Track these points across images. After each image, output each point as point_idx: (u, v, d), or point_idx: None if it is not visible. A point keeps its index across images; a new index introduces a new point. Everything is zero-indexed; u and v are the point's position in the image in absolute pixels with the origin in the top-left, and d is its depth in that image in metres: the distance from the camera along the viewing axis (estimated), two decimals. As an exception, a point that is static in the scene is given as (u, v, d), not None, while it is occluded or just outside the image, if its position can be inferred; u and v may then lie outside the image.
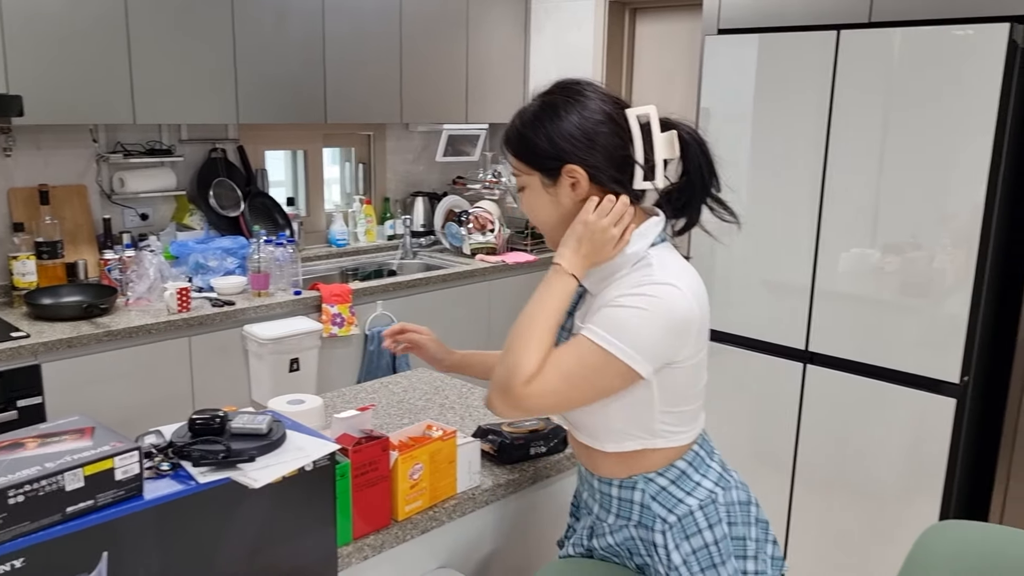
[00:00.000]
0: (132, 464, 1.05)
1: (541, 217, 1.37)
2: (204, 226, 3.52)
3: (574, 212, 1.32)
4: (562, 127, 1.29)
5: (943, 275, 2.41)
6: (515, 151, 1.35)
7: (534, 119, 1.32)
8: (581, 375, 1.25)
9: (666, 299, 1.25)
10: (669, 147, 1.32)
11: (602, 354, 1.24)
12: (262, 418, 1.22)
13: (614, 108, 1.31)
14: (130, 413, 2.81)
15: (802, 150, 2.65)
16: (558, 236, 1.36)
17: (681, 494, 1.37)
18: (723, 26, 2.90)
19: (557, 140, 1.29)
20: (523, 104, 1.37)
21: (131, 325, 2.76)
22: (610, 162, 1.30)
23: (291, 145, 3.94)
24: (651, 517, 1.37)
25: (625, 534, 1.41)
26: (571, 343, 1.27)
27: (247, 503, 1.15)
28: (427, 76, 3.91)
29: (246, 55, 3.25)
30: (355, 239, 4.12)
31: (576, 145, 1.28)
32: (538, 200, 1.35)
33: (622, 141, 1.30)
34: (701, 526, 1.36)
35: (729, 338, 2.93)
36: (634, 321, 1.24)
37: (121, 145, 3.27)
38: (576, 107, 1.30)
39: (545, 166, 1.31)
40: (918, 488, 2.54)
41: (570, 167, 1.29)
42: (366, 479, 1.44)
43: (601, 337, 1.24)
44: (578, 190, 1.31)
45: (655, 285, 1.26)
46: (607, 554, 1.46)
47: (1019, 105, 2.38)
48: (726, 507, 1.38)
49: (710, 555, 1.36)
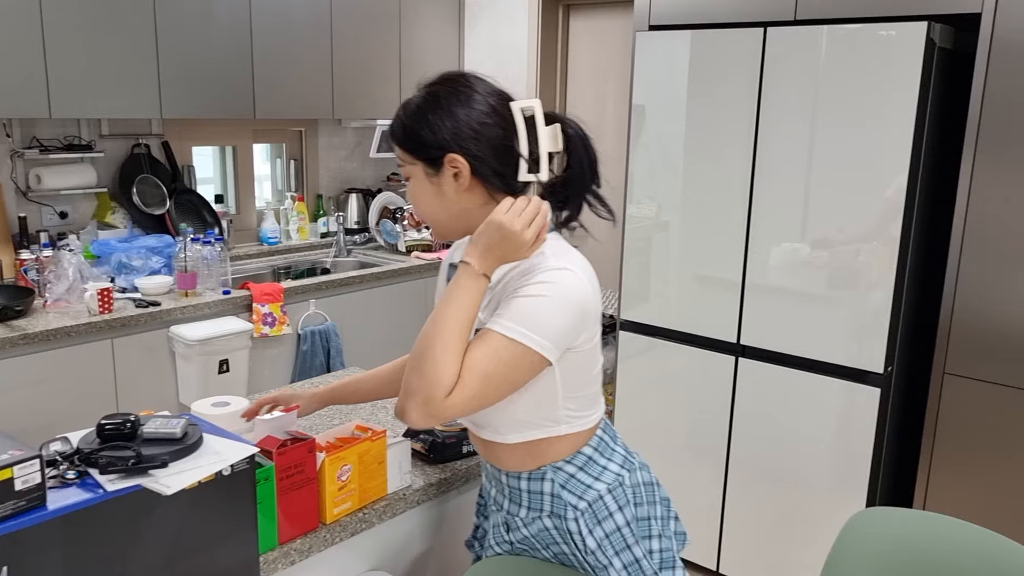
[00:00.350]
0: (33, 473, 0.99)
1: (425, 207, 1.37)
2: (127, 224, 3.41)
3: (457, 202, 1.33)
4: (445, 117, 1.29)
5: (868, 268, 2.47)
6: (399, 141, 1.35)
7: (417, 109, 1.32)
8: (499, 373, 1.23)
9: (565, 284, 1.26)
10: (553, 140, 1.33)
11: (517, 347, 1.23)
12: (176, 422, 1.18)
13: (498, 101, 1.32)
14: (50, 419, 2.70)
15: (732, 145, 2.69)
16: (443, 226, 1.38)
17: (589, 480, 1.39)
18: (654, 22, 2.92)
19: (439, 130, 1.29)
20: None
21: (49, 328, 2.65)
22: (493, 153, 1.30)
23: (219, 141, 3.83)
24: (562, 506, 1.39)
25: (539, 525, 1.43)
26: (481, 342, 1.24)
27: (160, 511, 1.10)
28: (359, 70, 3.85)
29: (169, 46, 3.15)
30: (287, 237, 4.04)
31: (459, 135, 1.29)
32: (421, 190, 1.35)
33: (506, 133, 1.31)
34: (611, 509, 1.39)
35: (663, 332, 2.95)
36: (539, 308, 1.24)
37: (37, 140, 3.14)
38: (460, 98, 1.30)
39: (428, 155, 1.31)
40: (846, 476, 2.60)
41: (452, 156, 1.29)
42: (292, 482, 1.40)
43: (512, 330, 1.23)
44: (460, 180, 1.31)
45: (552, 271, 1.26)
46: (524, 547, 1.47)
47: (937, 102, 2.45)
48: (632, 489, 1.42)
49: (622, 537, 1.39)
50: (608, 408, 3.56)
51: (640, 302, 3.00)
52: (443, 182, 1.32)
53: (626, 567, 1.39)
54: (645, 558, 1.40)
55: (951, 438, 2.49)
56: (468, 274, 1.25)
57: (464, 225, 1.36)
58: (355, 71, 3.83)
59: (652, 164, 2.89)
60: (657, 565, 1.42)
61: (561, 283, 1.26)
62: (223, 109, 3.36)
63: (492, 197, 1.33)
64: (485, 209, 1.32)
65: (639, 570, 1.39)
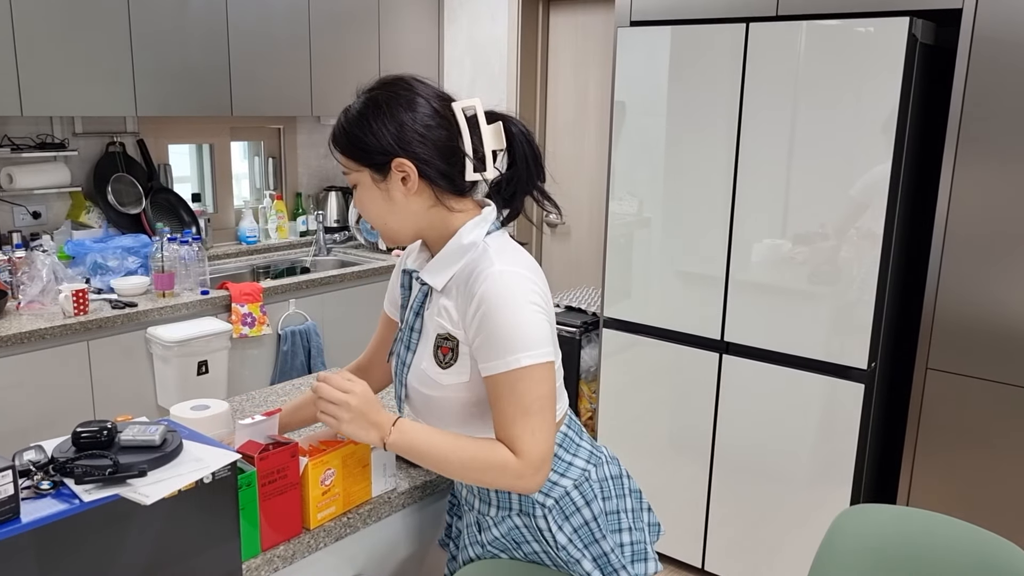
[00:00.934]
0: (5, 485, 0.96)
1: (374, 213, 1.36)
2: (102, 224, 3.35)
3: (406, 206, 1.33)
4: (389, 122, 1.29)
5: (852, 264, 2.47)
6: (343, 149, 1.34)
7: (359, 116, 1.31)
8: (539, 398, 1.26)
9: (517, 288, 1.28)
10: (496, 138, 1.35)
11: (537, 369, 1.26)
12: (155, 428, 1.14)
13: (440, 102, 1.33)
14: (24, 424, 2.65)
15: (715, 141, 2.68)
16: (391, 231, 1.38)
17: (555, 476, 1.41)
18: (635, 18, 2.90)
19: (384, 135, 1.29)
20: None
21: (23, 330, 2.60)
22: (439, 154, 1.31)
23: (196, 139, 3.78)
24: (530, 503, 1.41)
25: (509, 524, 1.44)
26: (504, 391, 1.27)
27: (139, 521, 1.07)
28: (338, 67, 3.81)
29: (144, 42, 3.09)
30: (266, 236, 3.99)
31: (404, 139, 1.29)
32: (369, 196, 1.34)
33: (450, 134, 1.32)
34: (579, 504, 1.41)
35: (646, 329, 2.94)
36: (517, 323, 1.26)
37: (8, 138, 3.08)
38: (402, 102, 1.30)
39: (374, 161, 1.31)
40: (830, 472, 2.60)
41: (399, 161, 1.29)
42: (274, 487, 1.37)
43: (517, 360, 1.25)
44: (408, 184, 1.31)
45: (496, 277, 1.27)
46: (494, 548, 1.48)
47: (919, 97, 2.45)
48: (599, 483, 1.44)
49: (591, 531, 1.41)
50: (591, 406, 3.55)
51: (623, 299, 2.99)
52: (391, 187, 1.32)
53: (596, 560, 1.41)
54: (614, 551, 1.43)
55: (934, 433, 2.50)
56: (393, 439, 1.29)
57: (413, 229, 1.37)
58: (334, 67, 3.78)
59: (634, 160, 2.88)
60: (628, 558, 1.45)
61: (513, 287, 1.27)
62: (200, 106, 3.31)
63: (439, 198, 1.34)
64: (433, 211, 1.34)
65: (608, 563, 1.42)
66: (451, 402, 1.37)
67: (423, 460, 1.30)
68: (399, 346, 1.45)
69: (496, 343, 1.26)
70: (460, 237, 1.34)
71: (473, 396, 1.35)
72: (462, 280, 1.32)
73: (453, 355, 1.33)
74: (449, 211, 1.35)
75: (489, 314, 1.26)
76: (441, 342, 1.34)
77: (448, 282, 1.34)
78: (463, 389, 1.35)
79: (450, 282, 1.34)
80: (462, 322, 1.31)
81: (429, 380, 1.37)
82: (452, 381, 1.34)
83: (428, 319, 1.38)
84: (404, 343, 1.43)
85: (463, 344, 1.32)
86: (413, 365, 1.40)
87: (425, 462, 1.30)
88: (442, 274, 1.35)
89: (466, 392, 1.35)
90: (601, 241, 3.04)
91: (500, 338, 1.25)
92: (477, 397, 1.35)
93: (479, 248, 1.33)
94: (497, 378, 1.27)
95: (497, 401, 1.28)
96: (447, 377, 1.34)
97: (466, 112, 1.33)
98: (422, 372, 1.38)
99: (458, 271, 1.33)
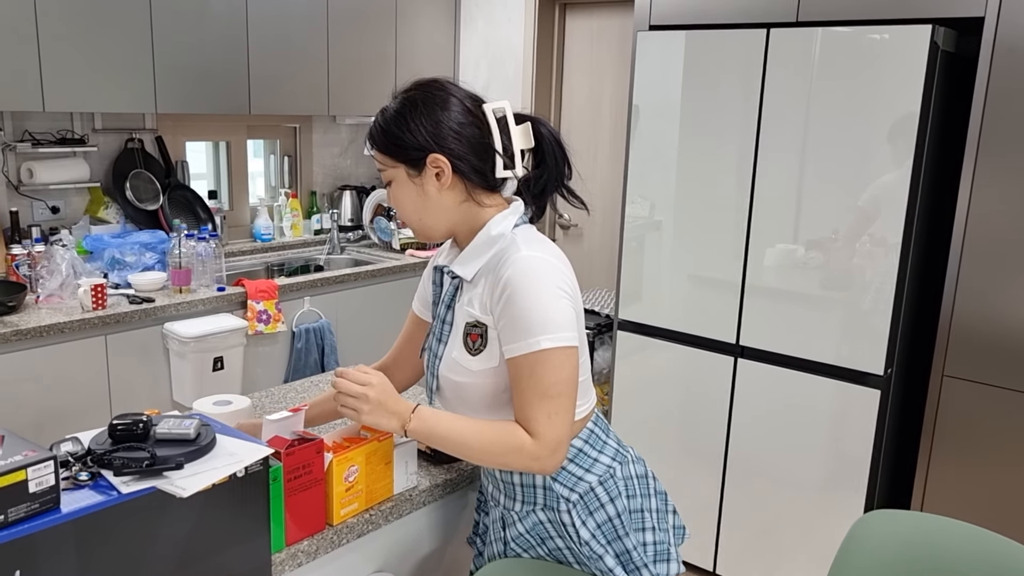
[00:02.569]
0: (47, 475, 0.97)
1: (408, 208, 1.41)
2: (120, 220, 3.37)
3: (439, 203, 1.38)
4: (425, 120, 1.35)
5: (869, 270, 2.47)
6: (380, 146, 1.39)
7: (397, 114, 1.37)
8: (564, 381, 1.29)
9: (539, 270, 1.31)
10: (525, 138, 1.41)
11: (557, 353, 1.29)
12: (189, 422, 1.16)
13: (472, 103, 1.39)
14: (41, 417, 2.66)
15: (734, 146, 2.68)
16: (424, 227, 1.42)
17: (580, 472, 1.43)
18: (655, 22, 2.91)
19: (420, 132, 1.34)
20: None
21: (41, 324, 2.61)
22: (471, 151, 1.36)
23: (213, 136, 3.80)
24: (555, 498, 1.43)
25: (534, 519, 1.46)
26: (524, 374, 1.29)
27: (174, 513, 1.08)
28: (355, 67, 3.82)
29: (164, 41, 3.11)
30: (281, 234, 4.01)
31: (439, 136, 1.34)
32: (404, 191, 1.39)
33: (482, 132, 1.37)
34: (603, 500, 1.43)
35: (660, 332, 2.95)
36: (540, 306, 1.29)
37: (29, 134, 3.10)
38: (436, 101, 1.36)
39: (409, 157, 1.36)
40: (845, 478, 2.60)
41: (434, 157, 1.34)
42: (300, 483, 1.38)
43: (538, 342, 1.28)
44: (443, 179, 1.36)
45: (522, 262, 1.31)
46: (517, 546, 1.49)
47: (940, 105, 2.46)
48: (624, 481, 1.46)
49: (614, 528, 1.43)
50: (603, 408, 3.56)
51: (638, 301, 3.00)
52: (425, 182, 1.37)
53: (618, 556, 1.43)
54: (636, 549, 1.44)
55: (950, 440, 2.50)
56: (413, 426, 1.33)
57: (446, 224, 1.41)
58: (350, 68, 3.80)
59: (651, 164, 2.89)
60: (651, 557, 1.46)
61: (537, 270, 1.31)
62: (218, 104, 3.33)
63: (470, 193, 1.39)
64: (464, 206, 1.39)
65: (630, 560, 1.44)
66: (481, 388, 1.39)
67: (443, 445, 1.33)
68: (431, 340, 1.48)
69: (519, 325, 1.29)
70: (489, 229, 1.39)
71: (503, 381, 1.37)
72: (490, 268, 1.36)
73: (483, 341, 1.36)
74: (480, 206, 1.40)
75: (513, 297, 1.30)
76: (470, 329, 1.38)
77: (477, 272, 1.38)
78: (492, 375, 1.37)
79: (479, 272, 1.38)
80: (490, 307, 1.35)
81: (459, 367, 1.40)
82: (482, 367, 1.37)
83: (458, 310, 1.42)
84: (436, 336, 1.46)
85: (491, 330, 1.35)
86: (444, 355, 1.43)
87: (445, 447, 1.34)
88: (471, 265, 1.39)
89: (495, 377, 1.37)
90: (614, 243, 3.05)
91: (523, 320, 1.29)
92: (506, 382, 1.37)
93: (507, 239, 1.37)
94: (518, 360, 1.30)
95: (517, 383, 1.31)
96: (477, 363, 1.37)
97: (496, 113, 1.38)
98: (453, 360, 1.41)
99: (487, 261, 1.37)
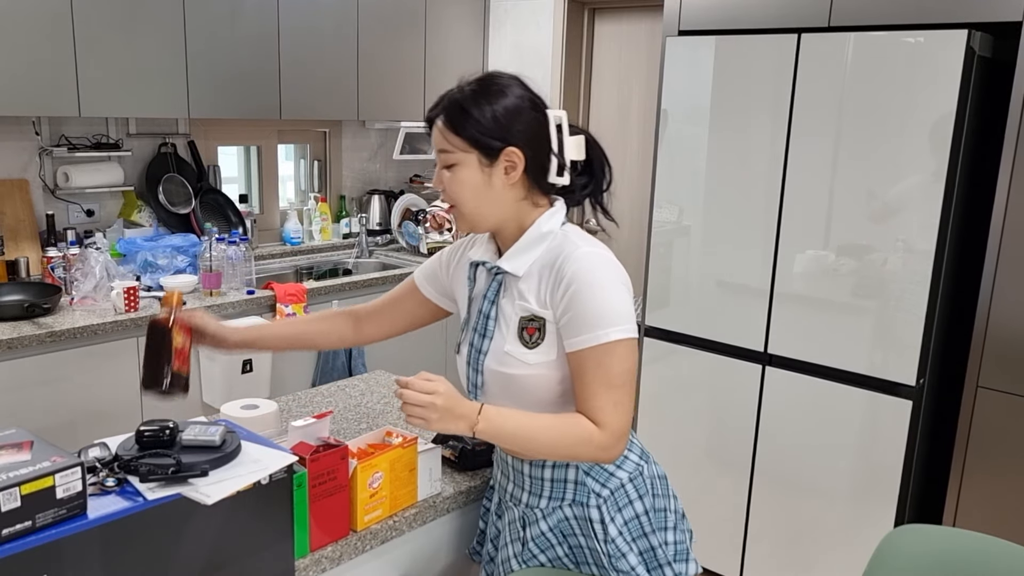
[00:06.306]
0: (74, 481, 0.98)
1: (467, 194, 1.38)
2: (153, 223, 3.42)
3: (502, 196, 1.37)
4: (508, 112, 1.34)
5: (902, 278, 2.43)
6: (459, 129, 1.35)
7: (479, 99, 1.34)
8: (628, 372, 1.32)
9: (602, 265, 1.34)
10: (577, 149, 1.42)
11: (623, 344, 1.31)
12: (215, 429, 1.17)
13: (541, 105, 1.40)
14: (75, 417, 2.71)
15: (763, 152, 2.66)
16: (478, 215, 1.40)
17: (612, 467, 1.44)
18: (684, 27, 2.89)
19: (503, 121, 1.33)
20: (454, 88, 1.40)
21: (76, 326, 2.66)
22: (541, 153, 1.37)
23: (245, 141, 3.84)
24: (585, 493, 1.43)
25: (559, 516, 1.46)
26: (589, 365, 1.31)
27: (199, 520, 1.10)
28: (384, 73, 3.84)
29: (198, 47, 3.15)
30: (310, 237, 4.04)
31: (520, 131, 1.34)
32: (469, 177, 1.36)
33: (547, 136, 1.38)
34: (632, 497, 1.44)
35: (687, 339, 2.93)
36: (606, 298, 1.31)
37: (65, 138, 3.15)
38: (515, 94, 1.36)
39: (488, 145, 1.34)
40: (875, 490, 2.56)
41: (511, 150, 1.34)
42: (324, 489, 1.39)
43: (606, 334, 1.29)
44: (511, 175, 1.35)
45: (585, 258, 1.33)
46: (536, 546, 1.49)
47: (975, 111, 2.41)
48: (650, 479, 1.47)
49: (640, 525, 1.44)
50: (630, 414, 3.54)
51: (665, 307, 2.98)
52: (494, 173, 1.36)
53: (642, 554, 1.43)
54: (660, 547, 1.45)
55: (983, 453, 2.45)
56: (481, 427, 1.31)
57: (499, 217, 1.40)
58: (380, 73, 3.82)
59: (679, 169, 2.87)
60: (672, 556, 1.47)
61: (602, 266, 1.34)
62: (249, 109, 3.37)
63: (529, 193, 1.39)
64: (520, 204, 1.39)
65: (654, 558, 1.44)
66: (535, 380, 1.39)
67: (511, 442, 1.34)
68: (471, 335, 1.47)
69: (585, 319, 1.31)
70: (539, 226, 1.40)
71: (559, 374, 1.38)
72: (545, 264, 1.38)
73: (540, 335, 1.37)
74: (533, 206, 1.41)
75: (579, 292, 1.31)
76: (526, 323, 1.38)
77: (528, 268, 1.40)
78: (550, 367, 1.38)
79: (530, 268, 1.39)
80: (549, 302, 1.36)
81: (513, 360, 1.39)
82: (539, 360, 1.38)
83: (506, 305, 1.42)
84: (478, 331, 1.45)
85: (550, 323, 1.36)
86: (492, 350, 1.43)
87: (514, 444, 1.35)
88: (520, 260, 1.40)
89: (552, 370, 1.38)
90: (641, 249, 3.03)
91: (589, 314, 1.30)
92: (562, 374, 1.38)
93: (557, 236, 1.39)
94: (584, 352, 1.31)
95: (582, 375, 1.32)
96: (534, 356, 1.38)
97: (555, 120, 1.39)
98: (504, 354, 1.40)
99: (538, 257, 1.39)
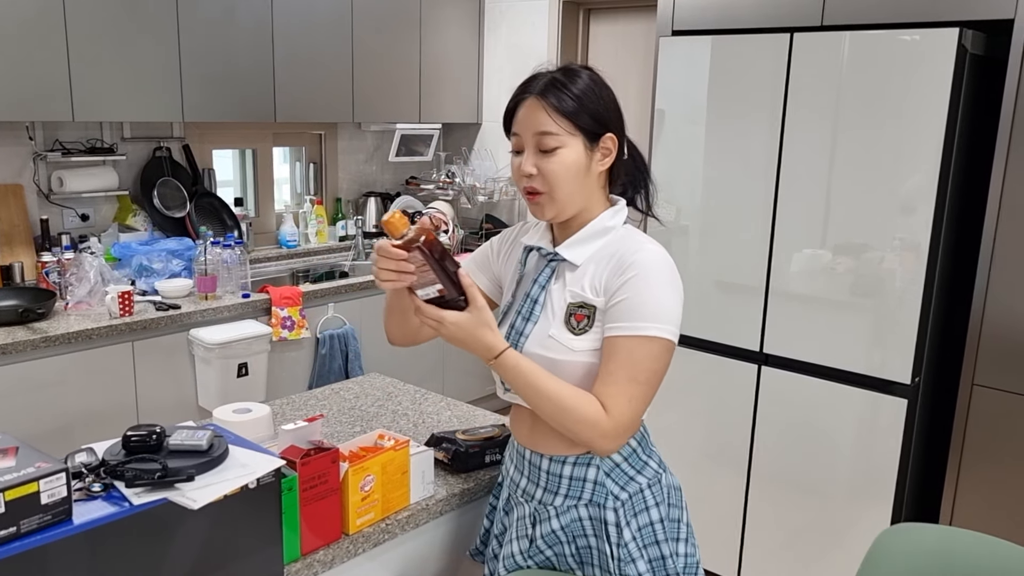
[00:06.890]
0: (59, 487, 0.98)
1: (567, 179, 1.36)
2: (148, 227, 3.41)
3: (593, 182, 1.40)
4: (612, 101, 1.39)
5: (896, 276, 2.43)
6: (569, 113, 1.35)
7: (589, 88, 1.36)
8: (655, 372, 1.32)
9: (669, 266, 1.37)
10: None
11: (660, 343, 1.32)
12: (202, 434, 1.16)
13: None
14: (70, 422, 2.70)
15: (757, 151, 2.65)
16: (569, 201, 1.39)
17: (632, 472, 1.43)
18: (677, 27, 2.89)
19: (611, 110, 1.38)
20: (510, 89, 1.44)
21: (70, 330, 2.66)
22: (623, 144, 1.41)
23: (240, 144, 3.84)
24: (604, 494, 1.42)
25: (572, 515, 1.45)
26: (622, 351, 1.31)
27: (186, 525, 1.09)
28: (380, 75, 3.84)
29: (192, 51, 3.15)
30: (306, 240, 4.04)
31: (619, 119, 1.40)
32: (575, 162, 1.36)
33: (625, 128, 1.43)
34: (649, 504, 1.43)
35: (683, 339, 2.92)
36: (660, 297, 1.33)
37: (60, 143, 3.15)
38: (607, 85, 1.40)
39: (594, 131, 1.37)
40: (871, 488, 2.56)
41: (611, 136, 1.38)
42: (315, 492, 1.39)
43: (647, 327, 1.30)
44: (606, 160, 1.39)
45: (654, 254, 1.36)
46: (544, 544, 1.48)
47: (968, 108, 2.41)
48: (667, 489, 1.47)
49: (654, 532, 1.43)
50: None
51: (661, 309, 2.97)
52: (593, 159, 1.38)
53: (651, 562, 1.42)
54: (671, 557, 1.44)
55: (980, 451, 2.45)
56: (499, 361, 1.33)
57: (583, 203, 1.40)
58: (375, 75, 3.82)
59: (675, 169, 2.87)
60: (682, 568, 1.45)
61: (669, 267, 1.36)
62: (244, 112, 3.37)
63: (608, 183, 1.44)
64: (598, 193, 1.42)
65: (663, 567, 1.43)
66: (576, 367, 1.38)
67: (525, 384, 1.33)
68: (514, 317, 1.46)
69: (634, 308, 1.31)
70: (603, 220, 1.41)
71: (598, 362, 1.38)
72: (605, 255, 1.39)
73: (589, 322, 1.37)
74: (604, 198, 1.44)
75: (638, 282, 1.32)
76: (575, 309, 1.38)
77: (587, 258, 1.41)
78: (591, 355, 1.37)
79: (589, 258, 1.40)
80: (604, 289, 1.36)
81: (557, 345, 1.39)
82: (585, 347, 1.37)
83: (557, 291, 1.42)
84: (522, 314, 1.44)
85: (600, 312, 1.36)
86: (535, 334, 1.42)
87: (524, 388, 1.34)
88: (580, 250, 1.41)
89: (593, 358, 1.37)
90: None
91: (640, 305, 1.31)
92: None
93: (619, 232, 1.41)
94: (620, 340, 1.31)
95: (609, 360, 1.32)
96: (580, 343, 1.37)
97: None
98: (548, 338, 1.40)
99: (599, 248, 1.40)
